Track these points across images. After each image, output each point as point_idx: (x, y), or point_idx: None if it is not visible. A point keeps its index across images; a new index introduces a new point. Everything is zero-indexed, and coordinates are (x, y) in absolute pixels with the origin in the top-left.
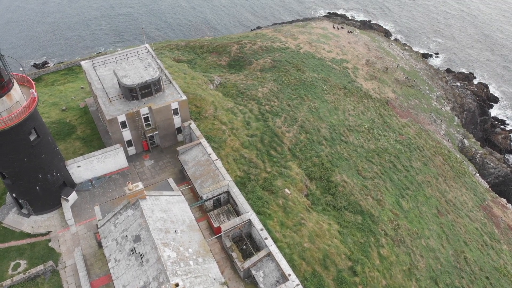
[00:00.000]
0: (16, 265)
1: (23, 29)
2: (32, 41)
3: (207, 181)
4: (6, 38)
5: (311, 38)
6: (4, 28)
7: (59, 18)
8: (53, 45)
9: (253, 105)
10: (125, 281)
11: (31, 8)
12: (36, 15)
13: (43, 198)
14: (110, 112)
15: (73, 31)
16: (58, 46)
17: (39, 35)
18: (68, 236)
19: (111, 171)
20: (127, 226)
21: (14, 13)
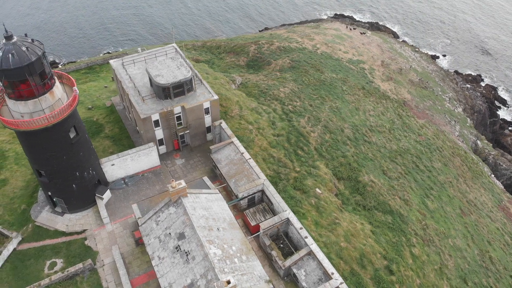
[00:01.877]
0: (52, 264)
1: (29, 28)
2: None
3: (241, 179)
4: None
5: (326, 39)
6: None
7: (65, 18)
8: (59, 44)
9: (276, 105)
10: (170, 278)
11: (36, 7)
12: (41, 15)
13: (79, 196)
14: (144, 110)
15: (79, 31)
16: (63, 46)
17: (44, 34)
18: (104, 234)
19: (144, 170)
20: (170, 223)
21: (19, 13)
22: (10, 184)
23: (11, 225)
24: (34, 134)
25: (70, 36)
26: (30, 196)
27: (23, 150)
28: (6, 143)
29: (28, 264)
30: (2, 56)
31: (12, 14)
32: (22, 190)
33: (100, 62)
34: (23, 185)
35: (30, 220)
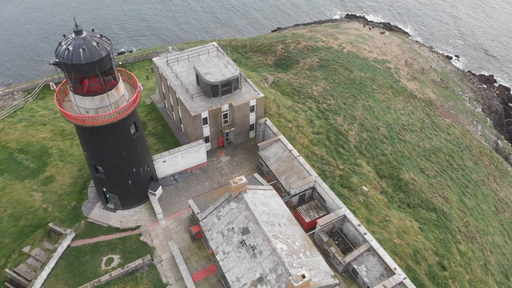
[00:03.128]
0: (109, 260)
1: (34, 28)
2: (46, 40)
3: (292, 176)
4: (21, 39)
5: (350, 38)
6: (17, 29)
7: (70, 17)
8: None
9: (311, 103)
10: (238, 273)
11: (40, 8)
12: (45, 15)
13: (133, 192)
14: (194, 108)
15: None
16: None
17: (50, 34)
18: (159, 230)
19: (191, 167)
20: (232, 218)
21: (23, 14)
22: (57, 181)
23: (62, 222)
24: (97, 130)
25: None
26: (79, 192)
27: (82, 146)
28: (48, 140)
29: (84, 261)
30: (73, 51)
31: (15, 15)
32: (70, 187)
33: (131, 61)
34: (70, 182)
35: (82, 216)
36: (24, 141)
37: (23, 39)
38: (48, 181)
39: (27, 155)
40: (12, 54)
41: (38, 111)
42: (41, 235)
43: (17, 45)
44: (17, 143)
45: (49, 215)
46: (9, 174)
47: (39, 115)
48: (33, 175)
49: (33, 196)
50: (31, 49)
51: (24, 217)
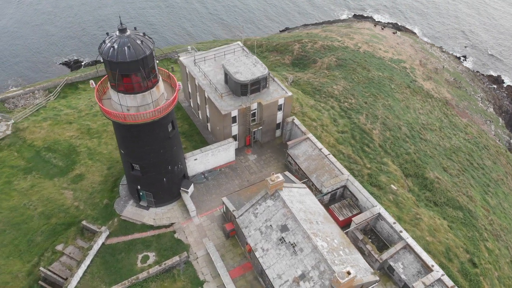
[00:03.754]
0: (144, 258)
1: (39, 28)
2: (50, 40)
3: (323, 175)
4: (31, 39)
5: (365, 38)
6: (25, 31)
7: (87, 18)
8: (74, 43)
9: (333, 102)
10: (279, 270)
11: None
12: (49, 16)
13: (167, 190)
14: (224, 107)
15: (95, 30)
16: (78, 44)
17: (53, 34)
18: (193, 227)
19: (220, 165)
20: (270, 216)
21: (27, 15)
22: (87, 179)
23: (95, 219)
24: (137, 127)
25: (87, 35)
26: (111, 190)
27: (119, 144)
28: (76, 139)
29: (119, 258)
30: (118, 49)
31: (30, 13)
32: (100, 185)
33: None
34: (101, 180)
35: (115, 214)
36: (51, 140)
37: (28, 40)
38: (78, 179)
39: (54, 153)
40: (19, 55)
41: (62, 109)
42: (74, 233)
43: (23, 45)
44: (43, 142)
45: (82, 213)
46: (38, 172)
47: (63, 113)
48: (62, 173)
49: (64, 194)
50: (37, 50)
51: (55, 215)
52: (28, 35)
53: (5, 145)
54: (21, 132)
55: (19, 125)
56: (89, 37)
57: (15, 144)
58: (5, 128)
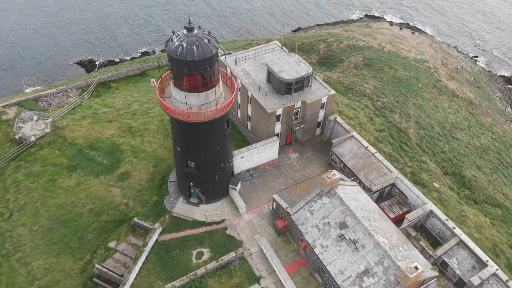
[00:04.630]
0: (199, 254)
1: (49, 29)
2: (61, 41)
3: (371, 173)
4: (44, 39)
5: (387, 38)
6: (35, 32)
7: (99, 17)
8: (86, 43)
9: (366, 101)
10: (340, 266)
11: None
12: (56, 16)
13: (218, 187)
14: (269, 106)
15: (107, 31)
16: (90, 44)
17: (70, 34)
18: (243, 224)
19: (264, 163)
20: (327, 213)
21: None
22: (133, 177)
23: (146, 216)
24: (198, 125)
25: (97, 36)
26: (158, 188)
27: (176, 141)
28: (118, 137)
29: (174, 255)
30: (187, 48)
31: (36, 14)
32: (148, 182)
33: None
34: (148, 178)
35: (166, 211)
36: (92, 138)
37: (39, 41)
38: (125, 177)
39: (98, 151)
40: (32, 55)
41: (98, 108)
42: (126, 230)
43: (34, 46)
44: (85, 140)
45: (132, 210)
46: (82, 170)
47: (101, 112)
48: (107, 171)
49: (112, 192)
50: (49, 50)
51: (105, 213)
52: (38, 37)
53: (45, 143)
54: (61, 130)
55: (58, 124)
56: (99, 37)
57: (55, 142)
58: (43, 126)
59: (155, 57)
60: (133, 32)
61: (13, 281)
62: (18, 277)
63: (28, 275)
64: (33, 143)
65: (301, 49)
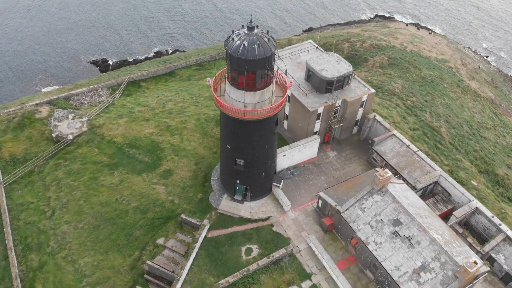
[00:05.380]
0: (248, 250)
1: (63, 28)
2: (73, 40)
3: (414, 171)
4: (58, 38)
5: (407, 38)
6: (46, 32)
7: (97, 18)
8: (97, 43)
9: (396, 100)
10: (396, 262)
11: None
12: (71, 14)
13: (263, 185)
14: (310, 104)
15: (116, 31)
16: (101, 44)
17: (78, 34)
18: (289, 221)
19: (303, 161)
20: (379, 210)
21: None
22: (176, 175)
23: (192, 213)
24: (251, 123)
25: (107, 36)
26: (202, 185)
27: (226, 139)
28: (157, 135)
29: (223, 251)
30: (248, 47)
31: (40, 16)
32: (191, 180)
33: (208, 59)
34: (190, 175)
35: (212, 208)
36: (131, 136)
37: (52, 41)
38: (168, 175)
39: (138, 149)
40: (45, 55)
41: (133, 107)
42: (174, 227)
43: (47, 46)
44: (124, 138)
45: (177, 207)
46: (124, 168)
47: (137, 111)
48: (149, 169)
49: (156, 189)
50: (61, 50)
51: (151, 210)
52: (48, 37)
53: (83, 142)
54: (98, 129)
55: (94, 122)
56: (109, 37)
57: (93, 140)
58: (80, 125)
59: (176, 57)
60: (141, 32)
61: (60, 279)
62: (65, 275)
63: (75, 273)
64: (71, 142)
65: (324, 48)
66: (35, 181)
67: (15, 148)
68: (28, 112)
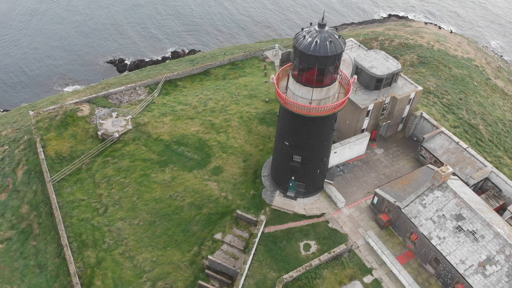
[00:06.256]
0: (306, 246)
1: (73, 28)
2: (89, 40)
3: (465, 167)
4: (79, 38)
5: (432, 37)
6: (62, 32)
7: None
8: (112, 43)
9: (433, 98)
10: (461, 256)
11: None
12: (80, 15)
13: (316, 181)
14: (360, 101)
15: (137, 31)
16: (116, 44)
17: (88, 34)
18: (344, 218)
19: (352, 158)
20: (440, 206)
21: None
22: (226, 171)
23: (247, 209)
24: (313, 120)
25: (118, 36)
26: (253, 182)
27: (284, 136)
28: (202, 133)
29: (282, 246)
30: (320, 43)
31: (48, 18)
32: (241, 176)
33: (241, 58)
34: (240, 172)
35: (266, 204)
36: (177, 134)
37: (68, 40)
38: (218, 171)
39: (186, 147)
40: (61, 54)
41: (174, 105)
42: (230, 222)
43: (63, 45)
44: (170, 136)
45: (232, 203)
46: (174, 165)
47: (179, 109)
48: (200, 166)
49: (209, 186)
50: (78, 49)
51: (206, 206)
52: (66, 36)
53: (130, 140)
54: (143, 127)
55: (139, 120)
56: (126, 37)
57: (139, 138)
58: (124, 123)
59: (202, 56)
60: (154, 32)
61: (119, 275)
62: (124, 271)
63: (134, 269)
64: (117, 139)
65: None
66: (84, 179)
67: (60, 146)
68: (69, 110)
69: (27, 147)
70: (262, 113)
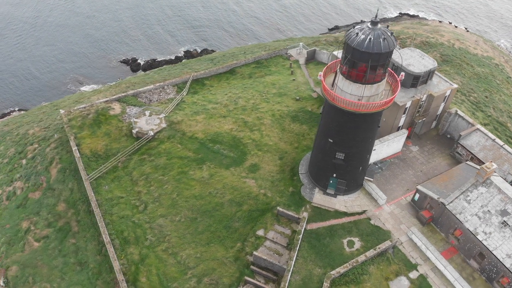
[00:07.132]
0: (350, 243)
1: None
2: (99, 40)
3: (503, 164)
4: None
5: (451, 35)
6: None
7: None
8: (124, 43)
9: (460, 96)
10: (507, 250)
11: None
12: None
13: (357, 179)
14: (398, 98)
15: (141, 31)
16: (129, 44)
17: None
18: (386, 215)
19: (389, 156)
20: (485, 202)
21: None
22: (263, 169)
23: (287, 206)
24: (360, 116)
25: (133, 36)
26: (290, 179)
27: (328, 133)
28: (236, 131)
29: (325, 243)
30: (374, 40)
31: (55, 21)
32: (279, 174)
33: (265, 57)
34: (277, 170)
35: (306, 201)
36: (211, 132)
37: (80, 40)
38: (255, 169)
39: (222, 145)
40: (76, 54)
41: (205, 104)
42: (271, 219)
43: (77, 45)
44: (205, 134)
45: (271, 200)
46: (211, 162)
47: (211, 108)
48: (236, 163)
49: (247, 183)
50: (90, 50)
51: (246, 202)
52: (76, 37)
53: (165, 138)
54: (177, 125)
55: (172, 119)
56: (135, 37)
57: (174, 136)
58: (158, 122)
59: (222, 55)
60: (166, 31)
61: (164, 271)
62: (168, 267)
63: (178, 265)
64: (152, 137)
65: None
66: (121, 176)
67: (95, 144)
68: (101, 109)
69: (58, 146)
70: (293, 111)
